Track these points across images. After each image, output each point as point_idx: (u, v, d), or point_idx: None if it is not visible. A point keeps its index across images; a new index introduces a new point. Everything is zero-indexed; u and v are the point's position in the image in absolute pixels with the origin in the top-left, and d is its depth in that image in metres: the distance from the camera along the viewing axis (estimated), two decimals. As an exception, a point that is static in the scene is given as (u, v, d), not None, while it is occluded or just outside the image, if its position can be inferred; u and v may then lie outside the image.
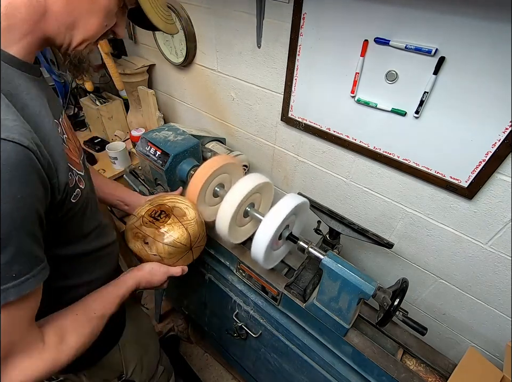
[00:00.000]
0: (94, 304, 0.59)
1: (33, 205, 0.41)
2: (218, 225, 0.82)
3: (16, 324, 0.42)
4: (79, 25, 0.48)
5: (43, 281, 0.45)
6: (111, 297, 0.63)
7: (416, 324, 0.68)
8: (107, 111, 1.52)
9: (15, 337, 0.43)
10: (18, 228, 0.39)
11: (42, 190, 0.43)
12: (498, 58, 0.62)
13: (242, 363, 1.32)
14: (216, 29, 1.10)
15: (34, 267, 0.43)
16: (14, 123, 0.39)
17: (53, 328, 0.50)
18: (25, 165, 0.39)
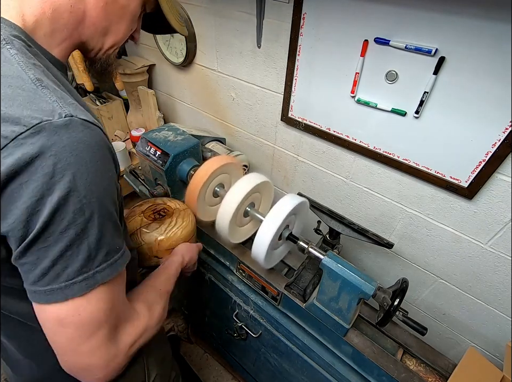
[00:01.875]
0: (156, 282, 0.64)
1: (116, 183, 0.45)
2: (218, 225, 0.82)
3: (118, 298, 0.47)
4: (112, 30, 0.51)
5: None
6: (166, 277, 0.68)
7: (416, 324, 0.68)
8: (107, 111, 1.52)
9: (119, 309, 0.47)
10: (114, 204, 0.43)
11: (115, 174, 0.46)
12: (498, 58, 0.62)
13: (242, 363, 1.32)
14: (216, 29, 1.10)
15: (123, 244, 0.46)
16: (83, 109, 0.41)
17: (139, 301, 0.55)
18: (109, 148, 0.42)
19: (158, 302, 0.60)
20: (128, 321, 0.50)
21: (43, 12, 0.43)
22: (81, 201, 0.37)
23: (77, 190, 0.36)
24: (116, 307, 0.46)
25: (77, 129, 0.36)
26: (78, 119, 0.37)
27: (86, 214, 0.38)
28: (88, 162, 0.37)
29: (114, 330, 0.46)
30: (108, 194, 0.41)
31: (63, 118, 0.35)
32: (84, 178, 0.37)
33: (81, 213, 0.37)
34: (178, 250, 0.78)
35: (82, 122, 0.37)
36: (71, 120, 0.36)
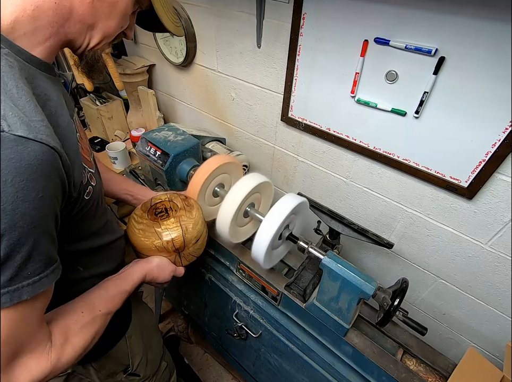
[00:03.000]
0: (100, 301, 0.58)
1: (52, 205, 0.42)
2: (218, 225, 0.82)
3: (27, 324, 0.42)
4: (99, 27, 0.50)
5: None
6: (117, 293, 0.62)
7: (416, 324, 0.68)
8: (107, 111, 1.52)
9: (25, 336, 0.43)
10: (36, 227, 0.39)
11: (60, 189, 0.43)
12: (498, 58, 0.62)
13: (242, 363, 1.32)
14: (216, 29, 1.10)
15: (48, 267, 0.43)
16: (42, 124, 0.39)
17: (59, 327, 0.49)
18: (50, 165, 0.40)
19: (84, 330, 0.53)
20: (34, 351, 0.44)
21: (24, 9, 0.42)
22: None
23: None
24: (16, 337, 0.41)
25: (5, 145, 0.35)
26: (10, 135, 0.35)
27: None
28: (8, 181, 0.35)
29: (9, 362, 0.41)
30: (26, 219, 0.38)
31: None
32: (3, 199, 0.35)
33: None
34: (146, 264, 0.71)
35: (14, 139, 0.35)
36: (1, 135, 0.34)
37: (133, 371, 0.84)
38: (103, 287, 0.61)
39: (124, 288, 0.64)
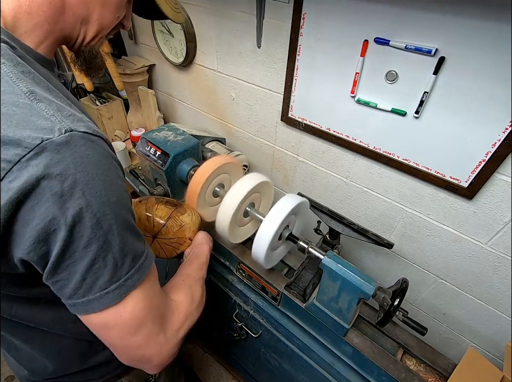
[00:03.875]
0: (190, 271, 0.67)
1: (127, 189, 0.45)
2: (218, 225, 0.82)
3: (154, 294, 0.48)
4: (94, 18, 0.48)
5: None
6: (199, 265, 0.71)
7: (416, 324, 0.68)
8: (107, 111, 1.52)
9: (157, 303, 0.48)
10: (130, 210, 0.44)
11: (123, 174, 0.46)
12: (498, 58, 0.62)
13: (242, 363, 1.32)
14: (216, 29, 1.10)
15: (143, 239, 0.47)
16: (86, 119, 0.40)
17: (177, 290, 0.58)
18: (112, 155, 0.42)
19: (194, 288, 0.62)
20: (169, 310, 0.52)
21: (19, 5, 0.41)
22: (96, 216, 0.37)
23: (89, 205, 0.36)
24: (153, 303, 0.47)
25: (78, 143, 0.36)
26: (78, 133, 0.36)
27: (104, 227, 0.38)
28: (95, 175, 0.37)
29: (158, 322, 0.48)
30: (121, 203, 0.41)
31: (63, 134, 0.34)
32: (93, 192, 0.36)
33: (99, 227, 0.37)
34: (203, 238, 0.81)
35: (82, 136, 0.36)
36: (71, 135, 0.35)
37: (154, 379, 0.88)
38: (185, 265, 0.70)
39: (202, 260, 0.73)
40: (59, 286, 0.39)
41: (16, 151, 0.32)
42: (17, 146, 0.32)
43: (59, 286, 0.39)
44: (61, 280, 0.39)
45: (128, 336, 0.44)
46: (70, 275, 0.38)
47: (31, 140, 0.33)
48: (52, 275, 0.38)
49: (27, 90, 0.35)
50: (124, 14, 0.54)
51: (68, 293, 0.39)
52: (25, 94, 0.35)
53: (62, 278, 0.38)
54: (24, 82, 0.36)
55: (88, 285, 0.39)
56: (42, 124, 0.34)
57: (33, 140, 0.33)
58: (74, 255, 0.37)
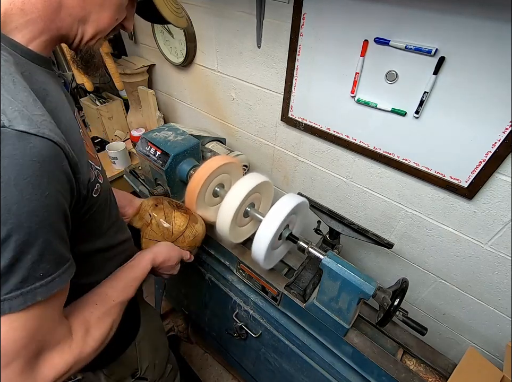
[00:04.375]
0: (113, 291, 0.58)
1: (60, 202, 0.40)
2: (218, 225, 0.82)
3: (46, 323, 0.42)
4: (92, 19, 0.48)
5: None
6: (129, 281, 0.62)
7: (416, 324, 0.68)
8: (107, 111, 1.52)
9: (46, 334, 0.43)
10: (44, 227, 0.38)
11: (68, 187, 0.42)
12: (498, 58, 0.62)
13: (242, 363, 1.32)
14: (216, 29, 1.10)
15: (61, 266, 0.42)
16: (43, 119, 0.38)
17: (78, 320, 0.50)
18: (54, 162, 0.38)
19: (104, 320, 0.54)
20: (57, 347, 0.45)
21: (13, 2, 0.41)
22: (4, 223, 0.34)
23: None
24: (37, 335, 0.41)
25: (5, 142, 0.33)
26: (11, 131, 0.34)
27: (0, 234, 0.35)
28: (11, 179, 0.34)
29: (33, 360, 0.41)
30: (33, 216, 0.36)
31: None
32: (2, 196, 0.33)
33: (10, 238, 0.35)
34: (154, 247, 0.74)
35: (15, 134, 0.34)
36: (2, 131, 0.33)
37: (141, 375, 0.85)
38: (114, 278, 0.61)
39: (135, 276, 0.64)
40: None
41: None
42: None
43: None
44: None
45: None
46: None
47: None
48: None
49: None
50: (124, 16, 0.54)
51: None
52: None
53: None
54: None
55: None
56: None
57: None
58: None
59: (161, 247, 0.75)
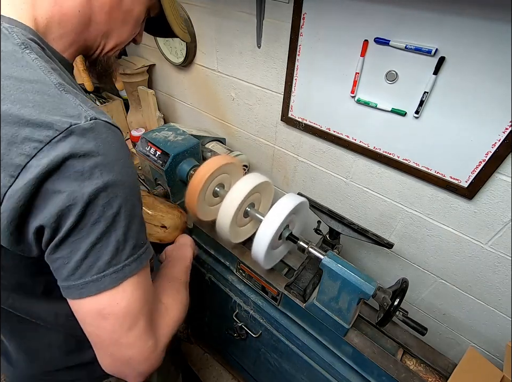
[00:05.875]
0: (177, 273, 0.67)
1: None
2: (218, 225, 0.82)
3: (149, 289, 0.48)
4: (114, 34, 0.53)
5: None
6: (184, 268, 0.71)
7: (416, 324, 0.68)
8: (106, 111, 1.52)
9: (150, 300, 0.48)
10: (139, 199, 0.45)
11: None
12: (498, 58, 0.62)
13: (242, 363, 1.32)
14: (216, 29, 1.10)
15: (147, 240, 0.48)
16: (102, 111, 0.43)
17: (165, 294, 0.57)
18: (126, 145, 0.45)
19: (181, 292, 0.62)
20: (160, 313, 0.51)
21: (52, 16, 0.45)
22: (109, 196, 0.39)
23: (105, 186, 0.39)
24: (148, 298, 0.47)
25: (101, 130, 0.39)
26: (101, 121, 0.40)
27: (114, 208, 0.40)
28: (114, 160, 0.40)
29: (150, 322, 0.47)
30: (133, 189, 0.43)
31: (89, 121, 0.38)
32: (111, 175, 0.39)
33: (109, 207, 0.40)
34: (188, 241, 0.84)
35: (104, 124, 0.40)
36: (96, 123, 0.39)
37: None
38: (170, 266, 0.70)
39: (186, 264, 0.73)
40: (58, 265, 0.40)
41: (48, 133, 0.36)
42: (49, 129, 0.36)
43: (59, 265, 0.40)
44: (62, 258, 0.40)
45: (122, 330, 0.43)
46: (72, 253, 0.39)
47: (61, 124, 0.36)
48: (55, 251, 0.39)
49: (57, 82, 0.39)
50: (139, 30, 0.59)
51: (66, 273, 0.40)
52: (55, 85, 0.39)
53: (64, 255, 0.39)
54: (54, 75, 0.40)
55: (87, 265, 0.40)
56: (70, 111, 0.38)
57: (63, 124, 0.36)
58: (81, 232, 0.39)
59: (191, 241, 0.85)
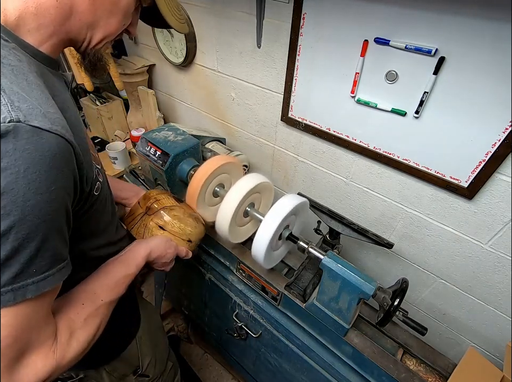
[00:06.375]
0: (102, 289, 0.55)
1: (64, 199, 0.41)
2: (218, 225, 0.82)
3: (33, 321, 0.41)
4: (100, 25, 0.50)
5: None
6: (120, 278, 0.59)
7: (416, 324, 0.68)
8: (106, 111, 1.52)
9: (32, 334, 0.41)
10: (46, 222, 0.38)
11: (72, 184, 0.43)
12: (498, 58, 0.62)
13: (242, 363, 1.32)
14: (216, 29, 1.10)
15: (56, 265, 0.41)
16: (56, 116, 0.39)
17: (64, 322, 0.47)
18: (64, 158, 0.39)
19: (90, 322, 0.51)
20: (41, 349, 0.42)
21: (27, 7, 0.42)
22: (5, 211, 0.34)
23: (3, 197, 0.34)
24: (23, 336, 0.40)
25: (20, 136, 0.34)
26: (26, 126, 0.34)
27: (1, 226, 0.35)
28: (21, 172, 0.34)
29: (14, 363, 0.40)
30: (34, 210, 0.36)
31: (6, 123, 0.33)
32: (9, 188, 0.34)
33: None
34: (151, 241, 0.69)
35: (29, 129, 0.35)
36: (15, 126, 0.34)
37: (142, 372, 0.85)
38: (104, 274, 0.58)
39: (127, 272, 0.60)
40: None
41: None
42: None
43: None
44: None
45: None
46: None
47: None
48: None
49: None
50: (130, 21, 0.56)
51: None
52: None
53: None
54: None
55: None
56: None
57: None
58: None
59: (158, 241, 0.70)
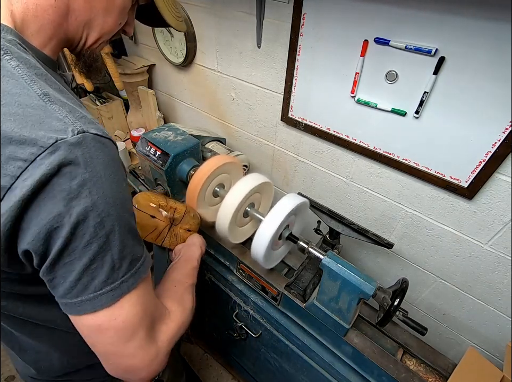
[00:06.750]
0: (182, 277, 0.67)
1: (129, 192, 0.46)
2: (218, 225, 0.82)
3: (150, 297, 0.48)
4: (96, 24, 0.49)
5: None
6: (190, 270, 0.71)
7: (416, 324, 0.68)
8: (106, 111, 1.52)
9: (151, 310, 0.48)
10: (132, 214, 0.44)
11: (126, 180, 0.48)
12: (498, 58, 0.62)
13: (242, 363, 1.32)
14: (216, 29, 1.10)
15: (143, 248, 0.47)
16: (95, 121, 0.41)
17: (168, 298, 0.57)
18: (117, 157, 0.43)
19: (186, 296, 0.61)
20: (162, 319, 0.51)
21: (27, 8, 0.42)
22: (100, 215, 0.38)
23: (95, 205, 0.37)
24: (148, 309, 0.47)
25: (89, 144, 0.37)
26: (89, 135, 0.37)
27: (106, 227, 0.39)
28: (103, 176, 0.38)
29: (151, 331, 0.47)
30: (125, 205, 0.42)
31: (76, 135, 0.36)
32: (100, 193, 0.37)
33: (101, 227, 0.38)
34: (197, 241, 0.82)
35: (93, 137, 0.38)
36: (83, 137, 0.36)
37: (159, 377, 0.87)
38: (175, 269, 0.69)
39: (192, 265, 0.72)
40: (54, 284, 0.40)
41: (32, 150, 0.34)
42: (33, 145, 0.34)
43: (55, 284, 0.39)
44: (56, 278, 0.39)
45: (121, 342, 0.43)
46: (66, 273, 0.38)
47: (46, 140, 0.34)
48: (49, 272, 0.38)
49: (41, 93, 0.37)
50: (126, 20, 0.55)
51: (62, 292, 0.39)
52: (39, 96, 0.36)
53: (58, 275, 0.39)
54: (37, 84, 0.37)
55: (83, 285, 0.39)
56: (56, 125, 0.35)
57: (48, 139, 0.34)
58: (73, 254, 0.37)
59: (201, 240, 0.83)
